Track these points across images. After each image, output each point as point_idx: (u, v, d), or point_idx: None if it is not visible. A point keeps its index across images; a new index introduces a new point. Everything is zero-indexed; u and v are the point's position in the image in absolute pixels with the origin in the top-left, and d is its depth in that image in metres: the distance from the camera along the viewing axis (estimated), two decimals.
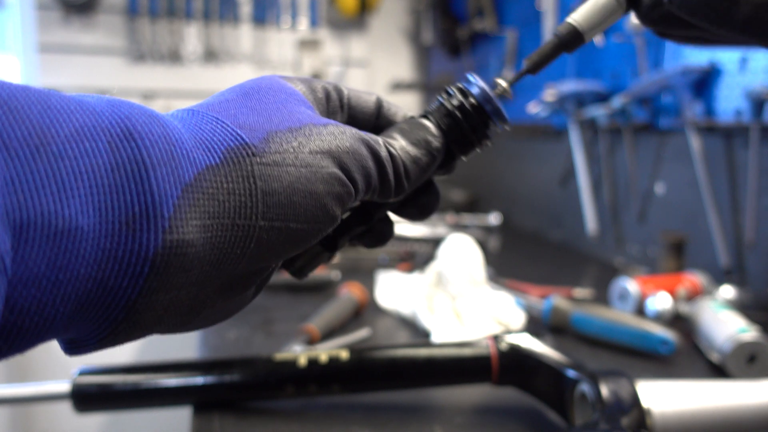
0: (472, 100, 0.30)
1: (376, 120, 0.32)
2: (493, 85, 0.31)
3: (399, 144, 0.28)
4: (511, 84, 0.32)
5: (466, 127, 0.30)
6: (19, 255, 0.17)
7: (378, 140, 0.27)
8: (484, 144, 0.31)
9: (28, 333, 0.18)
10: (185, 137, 0.22)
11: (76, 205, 0.18)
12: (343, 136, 0.26)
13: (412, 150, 0.29)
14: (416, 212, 0.32)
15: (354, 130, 0.26)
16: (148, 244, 0.20)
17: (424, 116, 0.31)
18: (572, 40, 0.31)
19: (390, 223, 0.33)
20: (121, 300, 0.20)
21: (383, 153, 0.27)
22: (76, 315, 0.19)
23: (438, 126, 0.30)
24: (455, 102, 0.30)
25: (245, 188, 0.22)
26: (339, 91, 0.30)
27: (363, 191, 0.27)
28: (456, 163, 0.32)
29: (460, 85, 0.31)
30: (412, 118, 0.31)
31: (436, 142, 0.29)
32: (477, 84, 0.30)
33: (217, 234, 0.22)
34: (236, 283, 0.24)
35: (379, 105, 0.32)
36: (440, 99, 0.31)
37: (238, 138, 0.23)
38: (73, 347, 0.22)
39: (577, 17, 0.31)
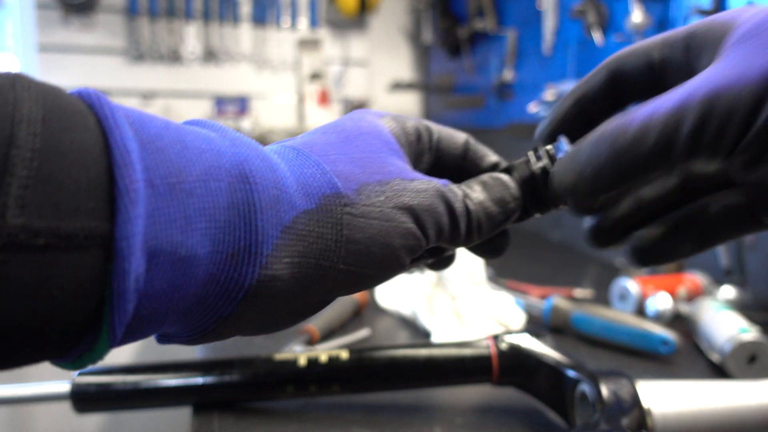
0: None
1: (461, 161, 0.32)
2: None
3: (478, 198, 0.29)
4: None
5: (544, 191, 0.30)
6: (148, 276, 0.20)
7: (457, 195, 0.28)
8: (561, 208, 0.31)
9: (141, 333, 0.22)
10: (290, 181, 0.24)
11: (197, 237, 0.21)
12: (425, 194, 0.27)
13: (490, 206, 0.29)
14: (485, 252, 0.33)
15: (436, 186, 0.28)
16: (246, 275, 0.22)
17: (510, 171, 0.31)
18: None
19: (454, 255, 0.34)
20: (215, 316, 0.23)
21: (459, 209, 0.28)
22: (177, 322, 0.23)
23: (519, 184, 0.30)
24: (541, 165, 0.30)
25: (332, 234, 0.25)
26: (429, 132, 0.31)
27: (433, 242, 0.28)
28: (531, 218, 0.32)
29: (549, 148, 0.30)
30: (497, 170, 0.32)
31: (513, 204, 0.30)
32: (565, 150, 0.30)
33: (301, 270, 0.24)
34: (306, 310, 0.27)
35: (466, 147, 0.32)
36: (528, 156, 0.31)
37: (334, 186, 0.25)
38: (164, 339, 0.25)
39: None
